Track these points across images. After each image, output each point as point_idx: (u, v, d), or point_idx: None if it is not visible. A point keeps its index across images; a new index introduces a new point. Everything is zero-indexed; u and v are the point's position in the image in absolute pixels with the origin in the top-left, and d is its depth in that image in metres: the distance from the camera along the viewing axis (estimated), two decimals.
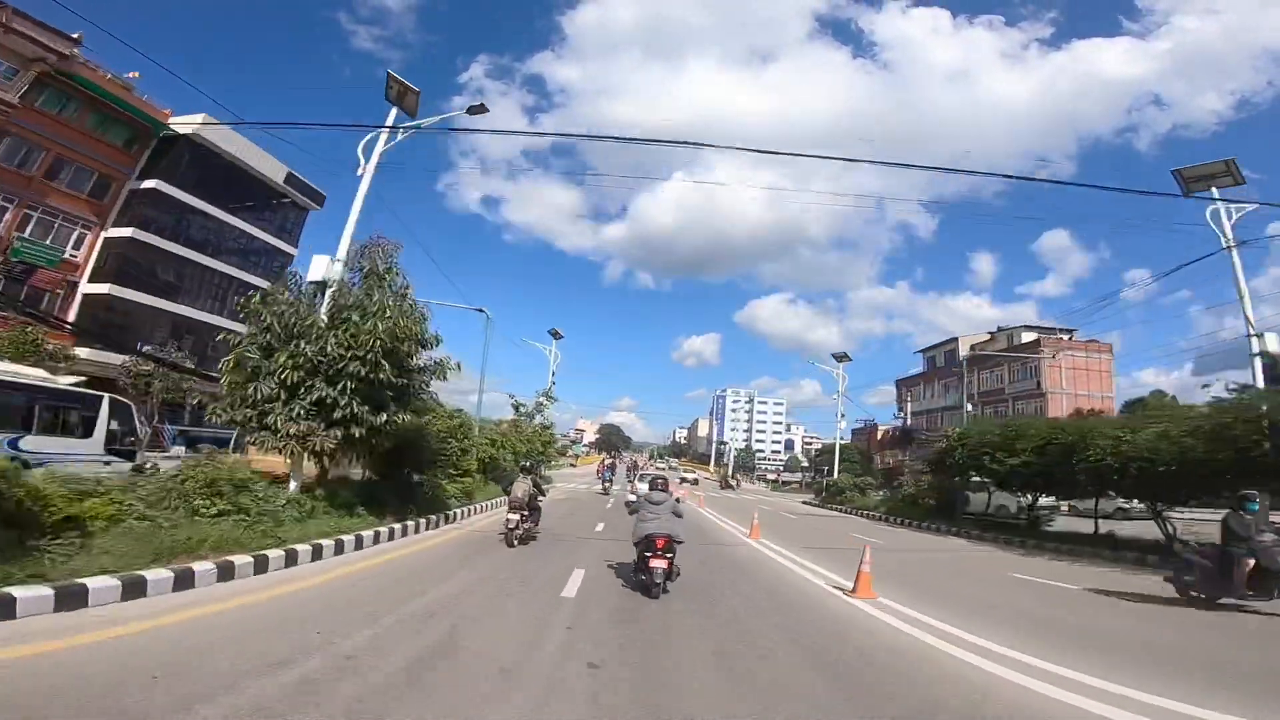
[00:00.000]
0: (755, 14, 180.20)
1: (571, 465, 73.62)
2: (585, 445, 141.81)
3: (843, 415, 41.51)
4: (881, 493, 32.75)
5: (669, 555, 7.38)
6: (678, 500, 8.25)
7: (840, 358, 41.90)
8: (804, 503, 37.15)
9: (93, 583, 5.11)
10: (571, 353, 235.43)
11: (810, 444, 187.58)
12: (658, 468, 72.42)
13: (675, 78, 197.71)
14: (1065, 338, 46.23)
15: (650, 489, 8.33)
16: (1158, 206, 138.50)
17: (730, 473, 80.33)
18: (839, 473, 37.03)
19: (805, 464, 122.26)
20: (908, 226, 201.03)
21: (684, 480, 51.10)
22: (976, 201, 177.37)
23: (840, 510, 30.46)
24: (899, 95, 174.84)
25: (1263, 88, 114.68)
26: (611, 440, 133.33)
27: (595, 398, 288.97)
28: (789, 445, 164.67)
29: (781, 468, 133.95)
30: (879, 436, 71.64)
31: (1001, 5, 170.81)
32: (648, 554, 7.38)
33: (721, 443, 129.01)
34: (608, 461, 43.55)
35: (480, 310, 21.91)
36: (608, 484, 31.83)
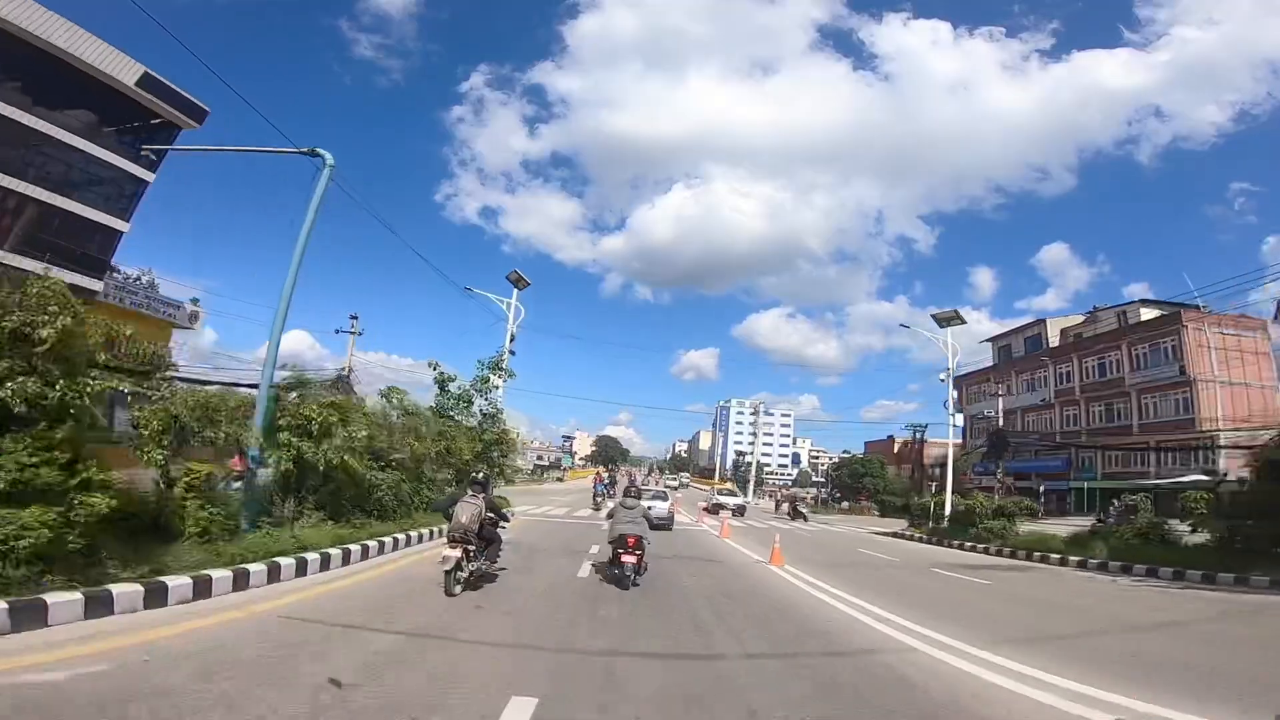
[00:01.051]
0: (756, 25, 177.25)
1: (558, 480, 62.02)
2: (578, 459, 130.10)
3: (953, 405, 28.79)
4: (999, 522, 20.60)
5: (638, 552, 8.98)
6: (648, 508, 10.59)
7: (948, 319, 28.56)
8: (904, 538, 25.24)
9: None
10: (568, 365, 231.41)
11: (818, 458, 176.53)
12: (667, 484, 62.53)
13: (676, 89, 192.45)
14: (1204, 310, 34.79)
15: (625, 495, 10.29)
16: (1160, 209, 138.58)
17: (787, 496, 69.13)
18: (950, 492, 24.70)
19: (819, 479, 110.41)
20: (907, 240, 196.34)
21: (719, 506, 33.34)
22: (976, 215, 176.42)
23: (992, 554, 18.53)
24: (899, 106, 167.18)
25: (1263, 98, 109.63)
26: (609, 453, 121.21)
27: (592, 411, 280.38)
28: (795, 459, 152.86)
29: (791, 483, 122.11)
30: (917, 449, 59.98)
31: (1002, 16, 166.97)
32: (620, 550, 8.96)
33: (741, 453, 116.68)
34: (604, 475, 34.86)
35: (313, 154, 10.15)
36: (602, 498, 25.20)
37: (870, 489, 70.84)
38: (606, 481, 32.41)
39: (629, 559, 8.79)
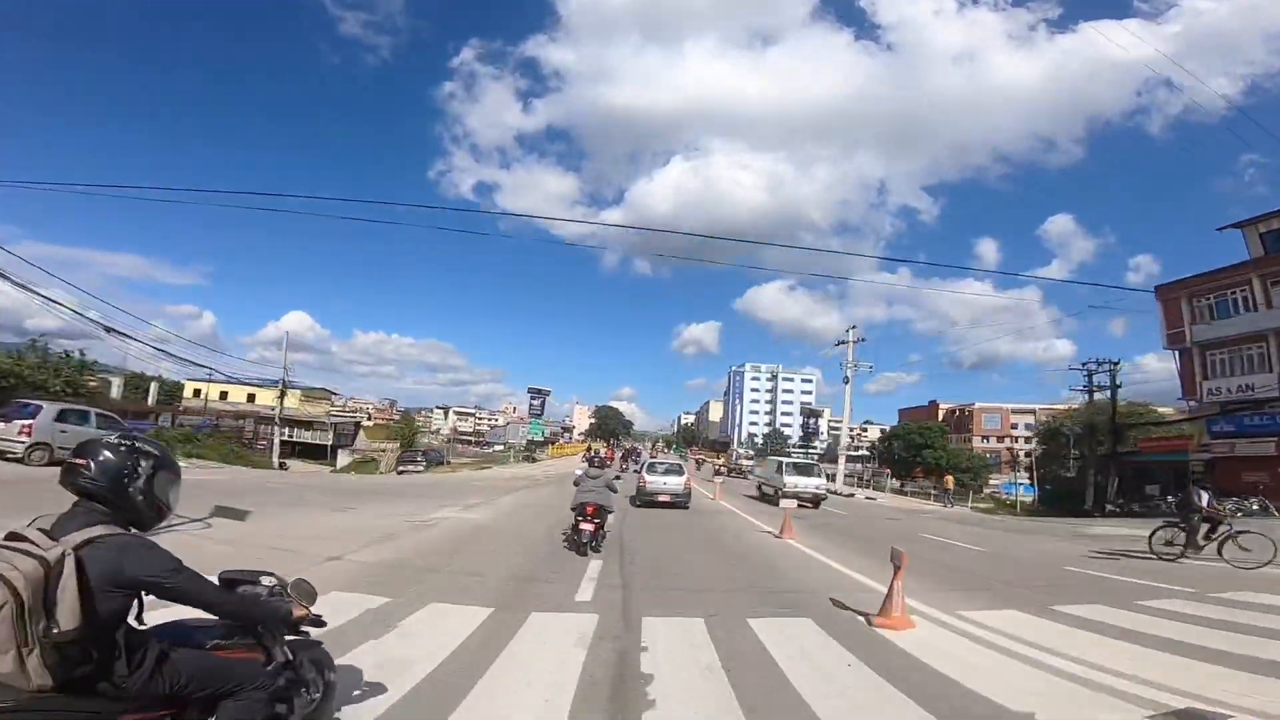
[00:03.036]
0: None
1: (527, 459, 49.76)
2: (576, 434, 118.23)
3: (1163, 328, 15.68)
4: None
5: (597, 520, 9.29)
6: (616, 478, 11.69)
7: None
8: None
9: None
10: (570, 341, 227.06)
11: (836, 428, 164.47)
12: (715, 463, 60.20)
13: (674, 60, 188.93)
14: None
15: (589, 465, 10.96)
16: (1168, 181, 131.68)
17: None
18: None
19: (862, 452, 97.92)
20: (910, 211, 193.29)
21: (778, 491, 22.12)
22: (981, 185, 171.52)
23: None
24: (903, 77, 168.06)
25: (1275, 70, 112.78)
26: (609, 426, 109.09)
27: (593, 387, 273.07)
28: (812, 430, 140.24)
29: (818, 456, 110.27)
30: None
31: None
32: (579, 519, 9.30)
33: (778, 429, 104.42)
34: (594, 451, 23.44)
35: None
36: (591, 523, 9.23)
37: (930, 463, 57.84)
38: (598, 461, 22.03)
39: (586, 526, 9.20)
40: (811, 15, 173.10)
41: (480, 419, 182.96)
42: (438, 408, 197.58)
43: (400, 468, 35.45)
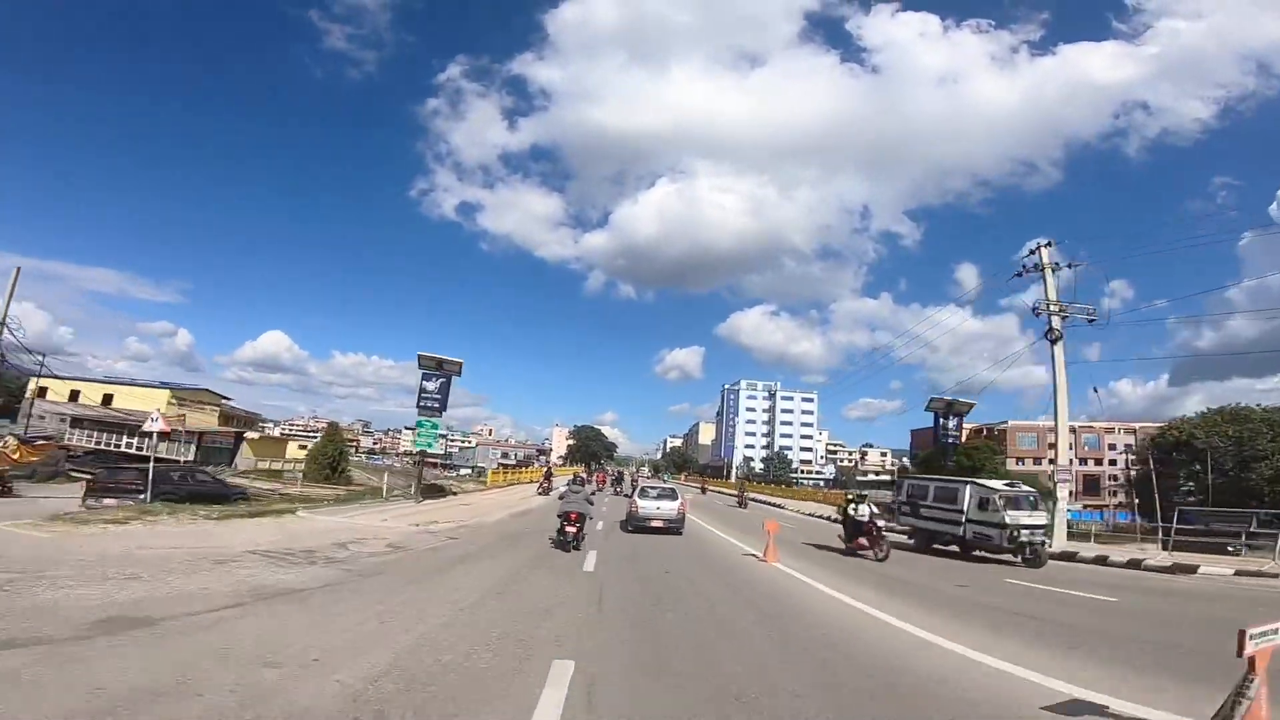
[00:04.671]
0: (743, 14, 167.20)
1: (479, 487, 38.31)
2: (554, 457, 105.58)
3: None
4: None
5: (578, 525, 12.14)
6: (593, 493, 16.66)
7: None
8: None
9: None
10: (551, 365, 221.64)
11: (835, 452, 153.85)
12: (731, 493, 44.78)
13: (660, 80, 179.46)
14: None
15: (572, 483, 15.62)
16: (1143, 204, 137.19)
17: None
18: None
19: (872, 475, 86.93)
20: (892, 236, 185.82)
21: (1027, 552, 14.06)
22: (960, 210, 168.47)
23: None
24: (887, 99, 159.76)
25: (1249, 93, 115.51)
26: (590, 448, 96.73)
27: (576, 409, 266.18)
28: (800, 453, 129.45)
29: (827, 483, 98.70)
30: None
31: (991, 8, 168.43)
32: (564, 523, 12.08)
33: (779, 451, 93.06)
34: (580, 477, 22.44)
35: None
36: (574, 526, 12.53)
37: None
38: (578, 480, 19.47)
39: (570, 529, 11.97)
40: (798, 36, 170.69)
41: (452, 441, 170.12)
42: (406, 428, 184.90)
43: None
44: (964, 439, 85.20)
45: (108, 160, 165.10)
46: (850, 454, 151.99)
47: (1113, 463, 78.37)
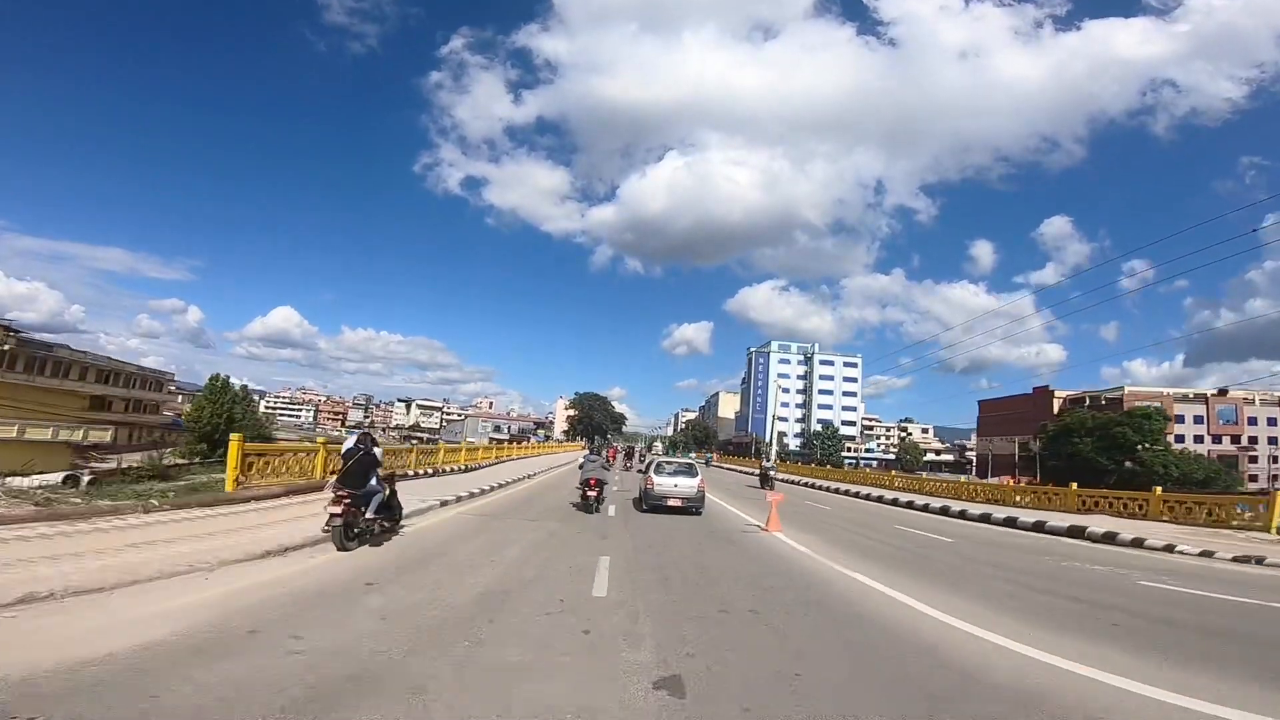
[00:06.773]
0: None
1: (460, 469, 24.13)
2: (558, 431, 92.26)
3: None
4: None
5: (598, 489, 13.99)
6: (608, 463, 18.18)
7: None
8: None
9: None
10: (558, 339, 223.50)
11: (871, 427, 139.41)
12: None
13: (671, 52, 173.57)
14: None
15: (589, 454, 16.58)
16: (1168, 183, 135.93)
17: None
18: None
19: (942, 455, 72.88)
20: (907, 211, 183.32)
21: None
22: (980, 185, 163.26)
23: None
24: (905, 74, 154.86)
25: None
26: (594, 418, 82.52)
27: (584, 385, 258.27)
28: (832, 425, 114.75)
29: (883, 464, 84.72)
30: None
31: None
32: (584, 489, 13.93)
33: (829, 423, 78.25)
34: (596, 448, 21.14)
35: None
36: (594, 490, 14.52)
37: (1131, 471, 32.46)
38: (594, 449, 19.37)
39: (591, 493, 13.84)
40: (814, 8, 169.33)
41: (449, 414, 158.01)
42: (399, 400, 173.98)
43: None
44: (1054, 411, 68.91)
45: (116, 140, 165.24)
46: (887, 430, 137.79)
47: (1252, 440, 64.06)
